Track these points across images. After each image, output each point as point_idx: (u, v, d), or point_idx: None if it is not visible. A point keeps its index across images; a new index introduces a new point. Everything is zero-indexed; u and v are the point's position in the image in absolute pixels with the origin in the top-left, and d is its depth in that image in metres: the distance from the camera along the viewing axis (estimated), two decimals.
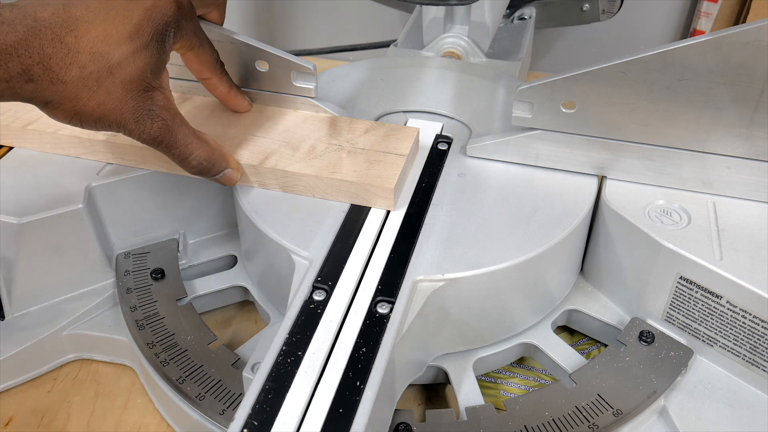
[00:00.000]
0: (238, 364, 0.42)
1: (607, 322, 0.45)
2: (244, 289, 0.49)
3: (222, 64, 0.46)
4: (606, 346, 0.46)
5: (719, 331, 0.41)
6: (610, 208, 0.44)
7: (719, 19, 0.84)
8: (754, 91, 0.39)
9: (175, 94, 0.47)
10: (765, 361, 0.40)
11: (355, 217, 0.43)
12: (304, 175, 0.43)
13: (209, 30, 0.45)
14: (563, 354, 0.43)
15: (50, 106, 0.36)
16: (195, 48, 0.43)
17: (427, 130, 0.51)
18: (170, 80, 0.41)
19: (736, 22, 0.85)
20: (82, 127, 0.38)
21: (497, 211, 0.43)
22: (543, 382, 0.45)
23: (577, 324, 0.47)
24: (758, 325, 0.39)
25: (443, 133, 0.51)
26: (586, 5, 0.77)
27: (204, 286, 0.49)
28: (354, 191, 0.43)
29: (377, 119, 0.53)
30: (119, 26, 0.36)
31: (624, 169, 0.45)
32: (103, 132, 0.47)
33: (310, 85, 0.49)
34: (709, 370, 0.42)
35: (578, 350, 0.45)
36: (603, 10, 0.76)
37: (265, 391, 0.32)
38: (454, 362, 0.43)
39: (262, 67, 0.48)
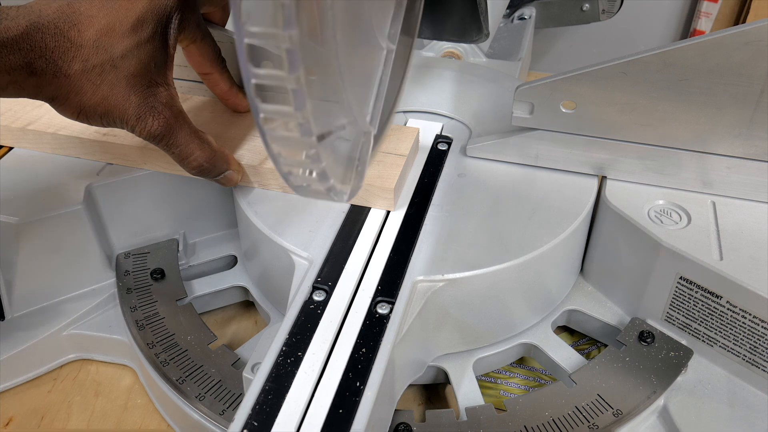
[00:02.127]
0: (238, 364, 0.42)
1: (607, 322, 0.45)
2: (244, 289, 0.49)
3: (223, 60, 0.46)
4: (606, 346, 0.46)
5: (719, 331, 0.41)
6: (610, 208, 0.44)
7: (719, 19, 0.84)
8: (754, 91, 0.39)
9: None
10: (765, 361, 0.40)
11: (355, 217, 0.43)
12: None
13: (210, 30, 0.45)
14: (563, 354, 0.43)
15: (57, 102, 0.36)
16: (198, 41, 0.43)
17: (427, 130, 0.51)
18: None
19: (736, 22, 0.85)
20: (89, 123, 0.38)
21: (497, 211, 0.43)
22: (543, 382, 0.45)
23: (577, 324, 0.47)
24: (758, 325, 0.39)
25: (443, 133, 0.51)
26: (586, 5, 0.77)
27: (204, 286, 0.49)
28: None
29: None
30: (122, 19, 0.36)
31: (624, 169, 0.45)
32: (106, 130, 0.47)
33: None
34: (709, 370, 0.42)
35: (578, 350, 0.45)
36: (603, 10, 0.76)
37: (265, 392, 0.32)
38: (454, 362, 0.43)
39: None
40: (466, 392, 0.41)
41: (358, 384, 0.33)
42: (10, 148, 0.50)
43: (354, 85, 0.29)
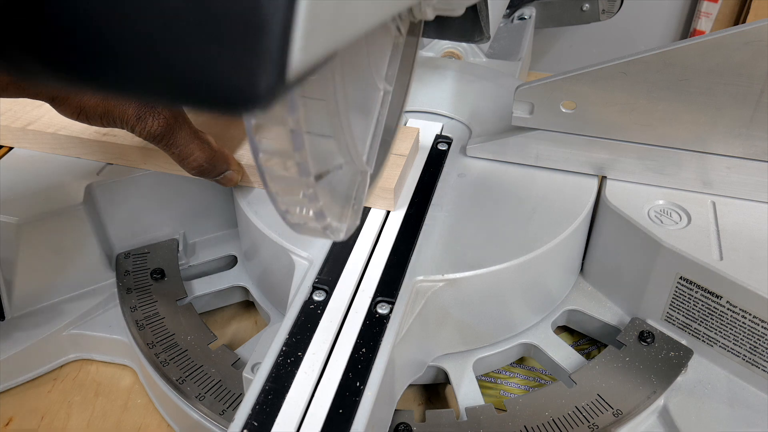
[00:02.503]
0: (238, 364, 0.42)
1: (607, 322, 0.45)
2: (244, 289, 0.49)
3: None
4: (606, 346, 0.46)
5: (719, 331, 0.41)
6: (610, 208, 0.44)
7: (719, 19, 0.84)
8: (754, 91, 0.39)
9: None
10: (765, 361, 0.40)
11: None
12: None
13: None
14: (563, 354, 0.43)
15: (57, 102, 0.36)
16: None
17: (427, 130, 0.51)
18: None
19: (736, 22, 0.85)
20: (89, 123, 0.38)
21: (497, 211, 0.43)
22: (543, 382, 0.45)
23: (577, 324, 0.47)
24: (758, 325, 0.39)
25: (443, 133, 0.51)
26: (586, 5, 0.77)
27: (204, 286, 0.49)
28: None
29: None
30: None
31: (624, 169, 0.45)
32: (106, 130, 0.47)
33: None
34: (709, 370, 0.42)
35: (578, 350, 0.45)
36: (603, 10, 0.76)
37: (265, 392, 0.32)
38: (454, 362, 0.43)
39: None
40: (466, 392, 0.41)
41: (358, 384, 0.33)
42: (10, 148, 0.50)
43: (352, 125, 0.30)
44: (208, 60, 0.12)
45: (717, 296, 0.39)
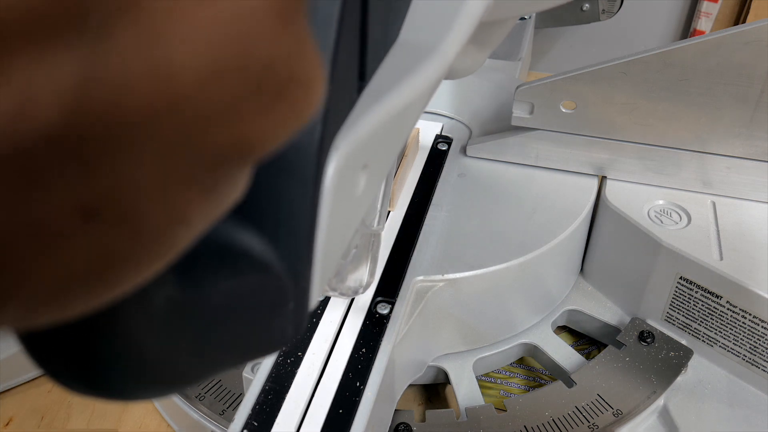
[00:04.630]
0: None
1: (607, 322, 0.45)
2: None
3: None
4: (606, 346, 0.46)
5: (719, 331, 0.41)
6: (610, 208, 0.44)
7: (719, 19, 0.84)
8: (754, 91, 0.39)
9: None
10: (765, 361, 0.40)
11: None
12: None
13: None
14: (563, 354, 0.43)
15: None
16: None
17: (427, 130, 0.51)
18: None
19: (736, 22, 0.85)
20: None
21: (497, 211, 0.43)
22: (543, 382, 0.45)
23: (577, 324, 0.47)
24: (758, 325, 0.39)
25: (443, 133, 0.51)
26: (586, 5, 0.77)
27: None
28: None
29: None
30: None
31: (624, 169, 0.45)
32: None
33: None
34: (709, 370, 0.42)
35: (578, 350, 0.45)
36: (603, 10, 0.76)
37: (265, 392, 0.32)
38: (454, 362, 0.43)
39: None
40: (466, 392, 0.41)
41: (358, 384, 0.33)
42: None
43: None
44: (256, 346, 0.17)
45: (717, 296, 0.39)
